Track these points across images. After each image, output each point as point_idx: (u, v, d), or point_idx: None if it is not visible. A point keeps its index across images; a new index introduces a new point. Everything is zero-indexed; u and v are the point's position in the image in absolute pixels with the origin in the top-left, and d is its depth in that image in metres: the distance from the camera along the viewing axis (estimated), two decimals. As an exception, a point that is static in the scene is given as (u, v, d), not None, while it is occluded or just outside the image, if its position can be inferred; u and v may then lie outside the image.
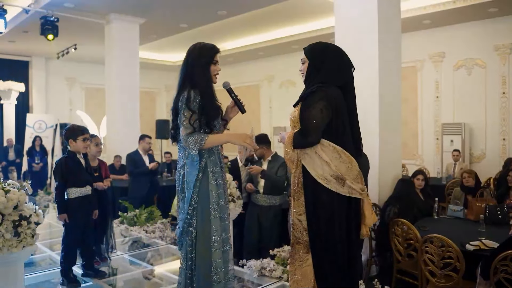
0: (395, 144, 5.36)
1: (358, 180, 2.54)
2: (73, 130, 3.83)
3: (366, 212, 2.60)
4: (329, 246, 2.53)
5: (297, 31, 10.80)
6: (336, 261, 2.54)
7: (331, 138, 2.51)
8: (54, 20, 8.15)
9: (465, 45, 9.40)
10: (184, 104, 2.64)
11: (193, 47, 2.81)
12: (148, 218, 5.77)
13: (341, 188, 2.49)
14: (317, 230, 2.55)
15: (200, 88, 2.69)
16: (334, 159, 2.49)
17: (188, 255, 2.75)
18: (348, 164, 2.50)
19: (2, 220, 2.86)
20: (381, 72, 5.05)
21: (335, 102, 2.50)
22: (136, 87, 9.12)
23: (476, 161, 9.39)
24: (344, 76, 2.63)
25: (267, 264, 3.88)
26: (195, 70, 2.73)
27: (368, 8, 5.08)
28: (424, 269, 3.74)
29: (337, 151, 2.49)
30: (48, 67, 13.59)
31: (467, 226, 4.48)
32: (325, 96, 2.49)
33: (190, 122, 2.63)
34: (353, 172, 2.51)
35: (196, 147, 2.63)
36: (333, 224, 2.52)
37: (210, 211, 2.71)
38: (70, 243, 3.80)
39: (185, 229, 2.75)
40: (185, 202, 2.73)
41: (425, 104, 10.19)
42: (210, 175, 2.74)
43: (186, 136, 2.63)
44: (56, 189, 3.83)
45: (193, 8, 8.34)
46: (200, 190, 2.71)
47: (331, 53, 2.63)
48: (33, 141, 10.39)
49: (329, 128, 2.51)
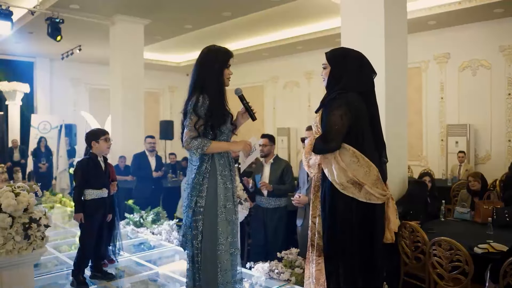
0: (401, 145, 5.35)
1: (377, 185, 2.53)
2: (94, 133, 3.97)
3: (391, 216, 2.61)
4: (343, 252, 2.53)
5: (302, 32, 10.80)
6: (351, 268, 2.52)
7: (351, 144, 2.53)
8: (59, 21, 8.17)
9: (470, 46, 9.37)
10: (191, 108, 2.67)
11: (208, 50, 2.81)
12: (155, 219, 5.78)
13: (358, 193, 2.49)
14: (331, 235, 2.55)
15: (210, 94, 2.70)
16: (352, 163, 2.50)
17: (194, 257, 2.76)
18: (366, 168, 2.51)
19: (13, 223, 2.88)
20: (387, 74, 5.04)
21: (355, 108, 2.53)
22: (141, 88, 9.13)
23: (481, 162, 9.36)
24: (365, 83, 2.66)
25: (275, 267, 3.88)
26: (208, 75, 2.74)
27: (375, 9, 5.07)
28: (432, 272, 3.74)
29: (356, 156, 2.51)
30: (52, 68, 13.62)
31: (475, 228, 4.47)
32: (345, 102, 2.52)
33: (195, 126, 2.67)
34: (371, 177, 2.51)
35: (198, 151, 2.67)
36: (348, 230, 2.51)
37: (217, 214, 2.72)
38: (86, 245, 3.85)
39: (188, 232, 2.76)
40: (187, 204, 2.77)
41: (429, 105, 10.17)
42: (218, 178, 2.74)
43: (190, 139, 2.67)
44: (75, 189, 3.91)
45: (198, 9, 8.34)
46: (208, 193, 2.72)
47: (352, 60, 2.68)
48: (38, 142, 10.42)
49: (349, 133, 2.53)
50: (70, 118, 13.34)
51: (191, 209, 2.73)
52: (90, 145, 3.90)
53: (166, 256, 4.85)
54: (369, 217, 2.55)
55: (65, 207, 7.75)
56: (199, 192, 2.72)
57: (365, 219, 2.54)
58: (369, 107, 2.62)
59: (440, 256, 3.64)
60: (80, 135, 8.81)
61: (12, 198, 2.86)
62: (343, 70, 2.62)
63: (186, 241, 2.82)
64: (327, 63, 2.69)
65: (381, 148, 2.69)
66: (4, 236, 2.83)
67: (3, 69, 12.73)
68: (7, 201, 2.83)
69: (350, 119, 2.50)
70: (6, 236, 2.84)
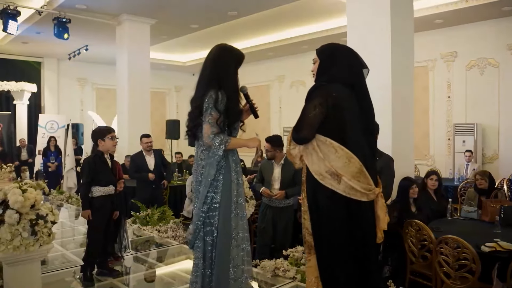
0: (408, 144, 5.33)
1: (359, 179, 2.42)
2: (100, 130, 3.99)
3: (380, 214, 2.50)
4: (332, 248, 2.46)
5: (308, 31, 10.79)
6: (342, 266, 2.45)
7: (331, 134, 2.46)
8: (66, 21, 8.22)
9: (478, 45, 9.31)
10: (212, 104, 2.68)
11: (224, 48, 2.84)
12: (161, 218, 5.79)
13: (337, 184, 2.41)
14: (318, 230, 2.50)
15: (227, 91, 2.73)
16: (330, 153, 2.44)
17: (207, 254, 2.76)
18: (345, 160, 2.42)
19: (20, 219, 2.90)
20: (393, 73, 5.02)
21: (334, 98, 2.46)
22: (147, 88, 9.17)
23: (489, 161, 9.30)
24: (353, 74, 2.60)
25: (281, 265, 3.88)
26: (225, 72, 2.77)
27: (381, 7, 5.06)
28: (439, 270, 3.72)
29: (333, 147, 2.44)
30: (60, 68, 13.71)
31: (482, 227, 4.43)
32: (322, 93, 2.49)
33: (217, 122, 2.68)
34: (351, 168, 2.41)
35: (221, 148, 2.68)
36: (333, 224, 2.45)
37: (231, 209, 2.74)
38: (93, 241, 3.88)
39: (202, 228, 2.76)
40: (200, 200, 2.74)
41: (436, 104, 10.11)
42: (232, 174, 2.79)
43: (213, 135, 2.68)
44: (82, 185, 3.95)
45: (204, 8, 8.36)
46: (223, 189, 2.74)
47: (340, 53, 2.65)
48: (48, 142, 10.49)
49: (328, 124, 2.47)
50: (77, 117, 13.43)
51: (207, 205, 2.73)
52: (97, 143, 3.92)
53: (171, 254, 4.87)
54: (354, 213, 2.45)
55: (73, 205, 7.80)
56: (215, 188, 2.73)
57: (351, 215, 2.45)
58: (359, 101, 2.56)
59: (447, 255, 3.62)
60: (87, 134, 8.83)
61: (19, 195, 2.89)
62: (331, 63, 2.60)
63: (196, 238, 2.80)
64: (317, 58, 2.67)
65: (371, 143, 2.62)
66: (12, 232, 2.86)
67: (11, 69, 12.83)
68: (14, 197, 2.85)
69: (326, 109, 2.44)
70: (14, 232, 2.87)
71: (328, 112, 2.45)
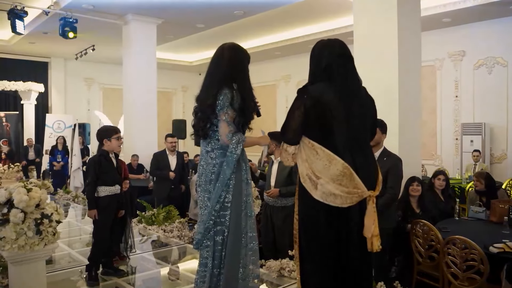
0: (415, 144, 5.29)
1: (342, 182, 2.27)
2: (106, 130, 3.99)
3: (366, 221, 2.30)
4: (312, 259, 2.38)
5: (314, 30, 10.76)
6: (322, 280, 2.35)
7: (314, 135, 2.36)
8: (73, 21, 8.24)
9: (486, 43, 9.23)
10: (228, 102, 2.65)
11: (237, 49, 2.81)
12: (166, 217, 5.79)
13: (314, 190, 2.31)
14: (299, 232, 2.44)
15: (242, 90, 2.71)
16: (311, 155, 2.35)
17: (216, 253, 2.72)
18: (325, 162, 2.29)
19: (25, 218, 2.90)
20: (400, 72, 4.98)
21: (312, 99, 2.34)
22: (153, 87, 9.17)
23: (497, 161, 9.22)
24: (326, 69, 2.41)
25: (286, 265, 3.86)
26: (239, 71, 2.76)
27: (388, 6, 5.02)
28: (446, 271, 3.68)
29: (314, 148, 2.34)
30: (67, 68, 13.78)
31: (490, 228, 4.38)
32: (302, 94, 2.40)
33: (235, 121, 2.66)
34: (331, 171, 2.28)
35: (239, 147, 2.66)
36: (313, 231, 2.36)
37: (242, 208, 2.72)
38: (99, 240, 3.87)
39: (212, 227, 2.72)
40: (213, 200, 2.70)
41: (444, 103, 10.04)
42: (243, 173, 2.77)
43: (231, 134, 2.65)
44: (88, 185, 3.94)
45: (210, 8, 8.35)
46: (235, 188, 2.71)
47: (314, 49, 2.54)
48: (56, 140, 10.57)
49: (311, 125, 2.37)
50: (84, 117, 13.49)
51: (219, 204, 2.70)
52: (102, 142, 3.91)
53: (177, 254, 4.86)
54: (335, 217, 2.31)
55: (79, 204, 7.82)
56: (227, 187, 2.71)
57: (332, 220, 2.32)
58: (343, 98, 2.37)
59: (454, 255, 3.59)
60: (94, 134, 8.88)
61: (24, 194, 2.89)
62: (310, 62, 2.52)
63: (205, 238, 2.76)
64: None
65: (362, 143, 2.44)
66: (16, 232, 2.86)
67: (19, 69, 12.91)
68: (19, 196, 2.85)
69: (304, 111, 2.34)
70: (18, 232, 2.87)
71: (308, 113, 2.34)
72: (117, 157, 4.05)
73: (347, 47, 2.52)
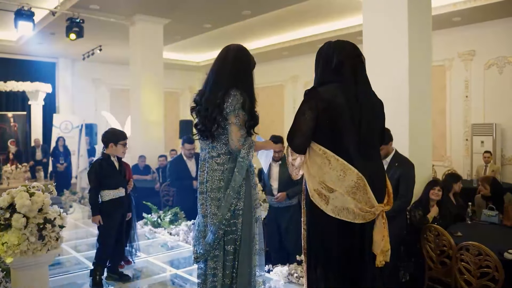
0: (425, 145, 5.18)
1: (355, 195, 2.17)
2: (115, 134, 3.87)
3: (375, 237, 2.21)
4: (319, 267, 2.32)
5: (323, 30, 10.64)
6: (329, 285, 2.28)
7: (325, 142, 2.25)
8: (79, 21, 8.23)
9: (497, 43, 9.07)
10: (239, 105, 2.54)
11: (243, 51, 2.73)
12: (172, 220, 5.73)
13: (324, 205, 2.21)
14: (309, 244, 2.39)
15: (249, 93, 2.63)
16: (324, 165, 2.22)
17: (226, 263, 2.60)
18: (339, 172, 2.18)
19: (27, 223, 2.85)
20: (410, 72, 4.88)
21: (324, 102, 2.24)
22: (160, 88, 9.15)
23: (509, 163, 9.05)
24: (334, 72, 2.33)
25: (294, 270, 3.78)
26: (246, 74, 2.67)
27: (398, 5, 4.92)
28: (459, 278, 3.58)
29: (327, 157, 2.22)
30: (74, 68, 13.79)
31: (504, 232, 4.27)
32: (312, 96, 2.30)
33: (246, 125, 2.57)
34: (346, 182, 2.18)
35: (251, 152, 2.57)
36: (322, 243, 2.28)
37: (252, 215, 2.64)
38: (104, 245, 3.81)
39: (222, 237, 2.61)
40: (224, 208, 2.57)
41: (454, 104, 9.89)
42: (251, 177, 2.67)
43: (242, 138, 2.54)
44: (90, 191, 3.85)
45: (217, 8, 8.29)
46: (246, 195, 2.61)
47: (320, 51, 2.47)
48: (57, 141, 10.53)
49: (322, 131, 2.26)
50: (91, 118, 13.47)
51: (230, 213, 2.56)
52: (107, 145, 3.82)
53: (183, 258, 4.79)
54: (347, 233, 2.22)
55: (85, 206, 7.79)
56: (238, 195, 2.59)
57: (343, 235, 2.23)
58: (355, 101, 2.27)
59: (467, 262, 3.48)
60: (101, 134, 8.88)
61: (27, 198, 2.83)
62: (317, 64, 2.44)
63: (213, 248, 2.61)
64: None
65: (372, 153, 2.32)
66: (19, 237, 2.80)
67: (26, 69, 12.93)
68: (21, 201, 2.80)
69: (316, 114, 2.23)
70: (21, 237, 2.81)
71: (320, 117, 2.23)
72: (120, 159, 3.97)
73: (358, 48, 2.43)
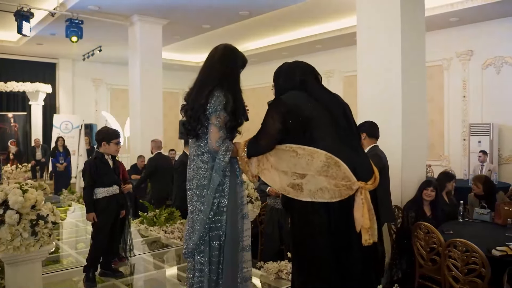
0: (420, 145, 5.21)
1: (327, 172, 2.22)
2: (108, 133, 3.92)
3: (355, 214, 2.22)
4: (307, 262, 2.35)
5: (321, 30, 10.70)
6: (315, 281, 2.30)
7: (295, 140, 2.34)
8: (79, 22, 8.30)
9: (494, 43, 9.11)
10: (221, 106, 2.54)
11: (231, 49, 2.74)
12: (168, 218, 5.78)
13: (300, 194, 2.28)
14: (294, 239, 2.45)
15: (233, 93, 2.63)
16: (292, 159, 2.31)
17: (212, 259, 2.63)
18: (307, 157, 2.27)
19: (20, 220, 2.90)
20: (404, 72, 4.92)
21: (285, 106, 2.37)
22: (159, 88, 9.20)
23: (506, 162, 9.09)
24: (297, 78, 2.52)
25: (284, 267, 3.82)
26: (232, 73, 2.67)
27: (391, 5, 4.97)
28: (448, 274, 3.62)
29: (293, 149, 2.31)
30: (74, 68, 13.87)
31: (494, 230, 4.31)
32: (275, 103, 2.43)
33: (227, 125, 2.57)
34: (315, 164, 2.25)
35: (227, 155, 2.56)
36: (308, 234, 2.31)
37: (237, 212, 2.66)
38: (98, 242, 3.86)
39: (207, 233, 2.63)
40: (206, 207, 2.60)
41: (451, 104, 9.93)
42: (237, 174, 2.69)
43: (221, 140, 2.55)
44: (84, 189, 3.91)
45: (216, 8, 8.35)
46: (230, 192, 2.64)
47: (281, 67, 2.67)
48: (56, 141, 10.59)
49: (296, 133, 2.34)
50: (92, 118, 13.56)
51: (212, 211, 2.59)
52: (100, 143, 3.88)
53: (177, 255, 4.84)
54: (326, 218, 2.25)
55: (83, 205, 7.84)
56: (221, 192, 2.62)
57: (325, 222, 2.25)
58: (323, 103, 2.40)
59: (455, 258, 3.53)
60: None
61: (20, 195, 2.88)
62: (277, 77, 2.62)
63: (200, 245, 2.65)
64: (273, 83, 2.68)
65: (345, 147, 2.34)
66: (12, 233, 2.86)
67: (27, 70, 13.04)
68: (14, 198, 2.85)
69: (282, 116, 2.34)
70: (14, 233, 2.87)
71: (288, 119, 2.33)
72: (114, 157, 4.03)
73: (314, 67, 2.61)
